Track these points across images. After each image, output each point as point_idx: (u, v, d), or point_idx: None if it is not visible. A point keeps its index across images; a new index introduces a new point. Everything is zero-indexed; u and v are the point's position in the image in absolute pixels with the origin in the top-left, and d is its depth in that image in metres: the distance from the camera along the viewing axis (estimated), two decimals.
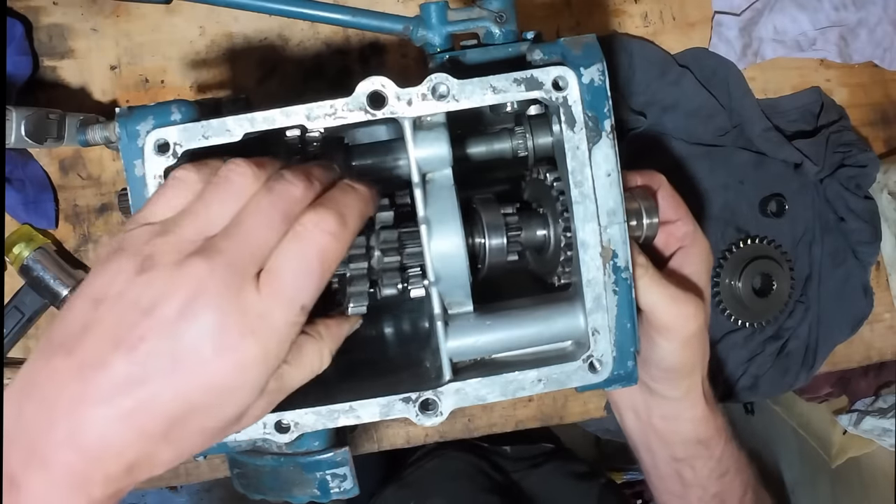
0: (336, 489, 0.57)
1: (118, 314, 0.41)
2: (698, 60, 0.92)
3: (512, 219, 0.57)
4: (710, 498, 0.69)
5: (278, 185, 0.44)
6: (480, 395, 0.53)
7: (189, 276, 0.41)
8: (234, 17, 0.87)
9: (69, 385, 0.40)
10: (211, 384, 0.41)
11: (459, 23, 0.61)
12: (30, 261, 0.80)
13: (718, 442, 0.68)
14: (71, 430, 0.40)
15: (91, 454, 0.40)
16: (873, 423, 1.52)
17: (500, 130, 0.62)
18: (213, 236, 0.43)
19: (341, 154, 0.60)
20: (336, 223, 0.44)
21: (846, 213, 0.94)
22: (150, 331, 0.40)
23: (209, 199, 0.44)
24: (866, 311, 0.96)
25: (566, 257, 0.55)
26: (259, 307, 0.42)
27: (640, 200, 0.60)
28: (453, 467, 1.10)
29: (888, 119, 1.00)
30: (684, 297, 0.60)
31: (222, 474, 0.85)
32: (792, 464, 1.91)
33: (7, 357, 0.84)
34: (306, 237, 0.43)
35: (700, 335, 0.61)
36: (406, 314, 0.70)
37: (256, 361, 0.42)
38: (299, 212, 0.44)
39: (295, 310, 0.43)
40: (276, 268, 0.43)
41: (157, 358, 0.40)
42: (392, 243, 0.53)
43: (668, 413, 0.66)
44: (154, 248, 0.42)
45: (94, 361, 0.40)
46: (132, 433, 0.40)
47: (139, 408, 0.40)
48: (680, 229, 0.64)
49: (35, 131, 0.74)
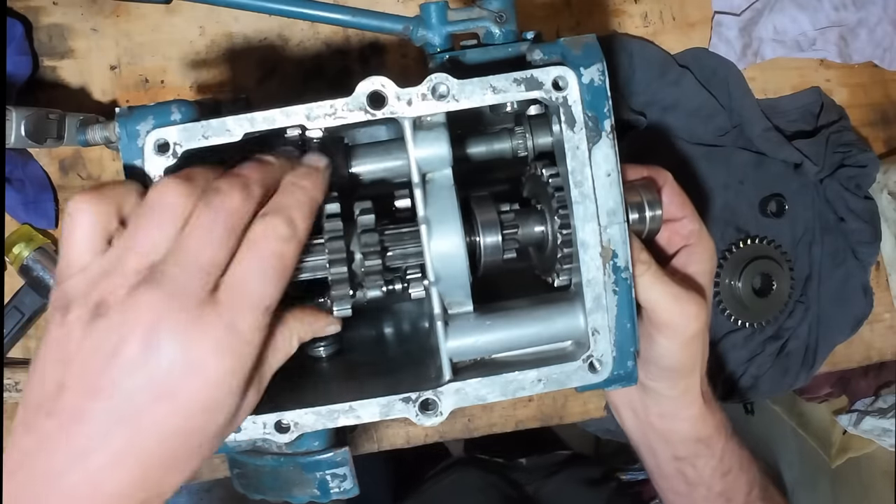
0: (336, 489, 0.57)
1: (84, 365, 0.41)
2: (698, 60, 0.92)
3: (508, 216, 0.57)
4: (715, 496, 0.69)
5: (216, 200, 0.43)
6: (480, 395, 0.53)
7: (143, 307, 0.41)
8: (234, 17, 0.87)
9: (58, 446, 0.41)
10: (192, 406, 0.41)
11: (459, 23, 0.61)
12: (30, 261, 0.80)
13: (718, 440, 0.67)
14: (72, 489, 0.40)
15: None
16: (873, 423, 1.52)
17: (500, 130, 0.62)
18: (158, 262, 0.42)
19: (341, 154, 0.60)
20: (286, 227, 0.44)
21: (846, 213, 0.94)
22: (120, 372, 0.40)
23: (145, 227, 0.43)
24: (866, 311, 0.96)
25: (563, 255, 0.54)
26: (222, 320, 0.42)
27: (642, 193, 0.59)
28: (468, 483, 1.10)
29: (888, 119, 1.00)
30: (687, 296, 0.59)
31: (222, 474, 0.85)
32: (792, 464, 1.91)
33: (7, 357, 0.84)
34: (260, 245, 0.44)
35: (701, 335, 0.61)
36: (406, 314, 0.70)
37: (231, 372, 0.42)
38: (243, 221, 0.44)
39: (259, 314, 0.43)
40: (234, 279, 0.43)
41: (135, 395, 0.41)
42: (374, 246, 0.52)
43: (666, 411, 0.66)
44: (100, 291, 0.42)
45: (75, 415, 0.41)
46: (131, 473, 0.41)
47: (130, 447, 0.41)
48: (685, 227, 0.64)
49: (35, 131, 0.74)
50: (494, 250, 0.56)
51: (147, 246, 0.43)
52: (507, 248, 0.56)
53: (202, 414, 0.42)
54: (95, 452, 0.40)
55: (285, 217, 0.45)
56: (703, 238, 0.64)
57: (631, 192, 0.58)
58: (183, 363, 0.41)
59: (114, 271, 0.42)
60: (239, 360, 0.42)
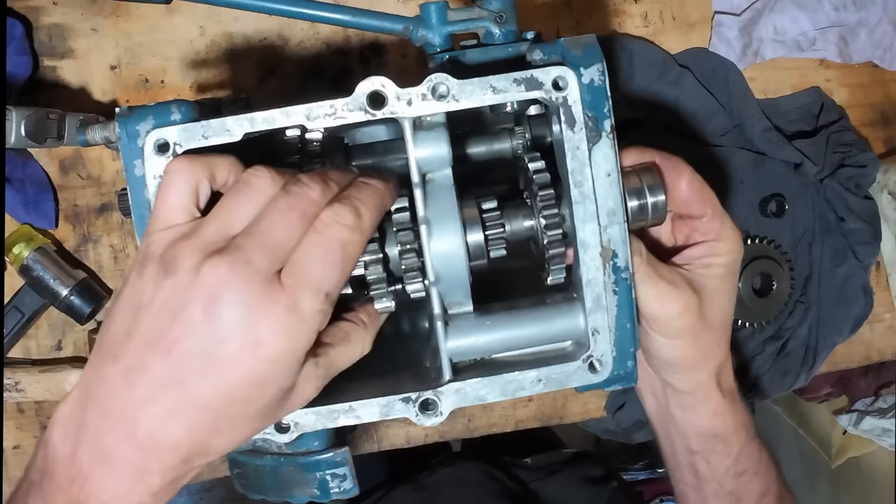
0: (336, 489, 0.57)
1: (152, 319, 0.44)
2: (698, 60, 0.92)
3: (492, 214, 0.55)
4: (725, 494, 0.68)
5: (295, 188, 0.46)
6: (480, 395, 0.53)
7: (211, 275, 0.43)
8: (234, 17, 0.87)
9: (119, 390, 0.44)
10: (244, 378, 0.43)
11: (459, 23, 0.61)
12: (30, 261, 0.80)
13: (737, 440, 0.66)
14: (126, 430, 0.44)
15: (147, 450, 0.44)
16: (873, 423, 1.52)
17: (500, 130, 0.62)
18: (234, 236, 0.45)
19: (341, 154, 0.60)
20: (352, 216, 0.46)
21: (846, 213, 0.94)
22: (181, 333, 0.43)
23: (230, 202, 0.46)
24: (866, 311, 0.96)
25: (551, 255, 0.54)
26: (284, 300, 0.43)
27: (641, 177, 0.56)
28: (468, 474, 1.10)
29: (888, 119, 1.00)
30: (671, 295, 0.58)
31: (222, 474, 0.85)
32: (792, 464, 1.91)
33: (7, 357, 0.84)
34: (325, 231, 0.45)
35: (691, 332, 0.60)
36: (405, 314, 0.70)
37: (285, 353, 0.44)
38: (317, 211, 0.46)
39: (320, 298, 0.45)
40: (298, 260, 0.45)
41: (191, 358, 0.43)
42: (411, 244, 0.52)
43: (684, 403, 0.65)
44: (175, 251, 0.44)
45: (137, 366, 0.44)
46: (181, 429, 0.44)
47: (182, 405, 0.43)
48: (706, 225, 0.61)
49: (35, 131, 0.74)
50: (477, 250, 0.54)
51: (229, 219, 0.45)
52: (494, 247, 0.55)
53: (252, 386, 0.44)
54: (152, 403, 0.43)
55: (352, 207, 0.47)
56: (724, 232, 0.61)
57: (628, 177, 0.55)
58: (240, 335, 0.43)
59: (193, 235, 0.45)
60: (294, 341, 0.44)
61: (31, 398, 0.83)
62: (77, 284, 0.81)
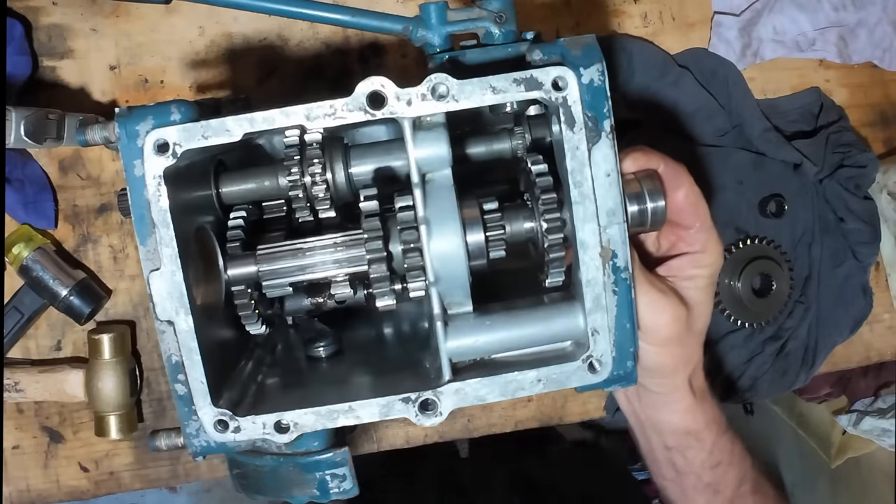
0: (335, 489, 0.56)
1: None
2: (698, 61, 0.92)
3: (493, 215, 0.55)
4: (703, 486, 0.71)
5: None
6: (480, 396, 0.53)
7: None
8: (233, 17, 0.87)
9: None
10: None
11: (459, 23, 0.61)
12: (29, 261, 0.80)
13: (709, 434, 0.69)
14: None
15: None
16: (873, 423, 1.52)
17: (499, 130, 0.62)
18: None
19: (341, 154, 0.60)
20: None
21: (846, 213, 0.94)
22: None
23: None
24: (866, 311, 0.96)
25: (550, 258, 0.54)
26: None
27: (641, 182, 0.57)
28: (478, 463, 1.12)
29: (887, 119, 1.00)
30: (662, 303, 0.59)
31: (222, 474, 0.85)
32: (792, 464, 1.91)
33: (7, 357, 0.84)
34: None
35: (677, 341, 0.61)
36: (405, 315, 0.70)
37: None
38: None
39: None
40: None
41: None
42: (415, 243, 0.52)
43: (656, 403, 0.68)
44: None
45: None
46: None
47: None
48: (693, 237, 0.62)
49: (35, 131, 0.74)
50: (477, 250, 0.55)
51: None
52: (494, 248, 0.55)
53: None
54: None
55: None
56: (709, 245, 0.62)
57: (628, 183, 0.56)
58: None
59: None
60: None
61: (31, 398, 0.83)
62: (76, 285, 0.81)
